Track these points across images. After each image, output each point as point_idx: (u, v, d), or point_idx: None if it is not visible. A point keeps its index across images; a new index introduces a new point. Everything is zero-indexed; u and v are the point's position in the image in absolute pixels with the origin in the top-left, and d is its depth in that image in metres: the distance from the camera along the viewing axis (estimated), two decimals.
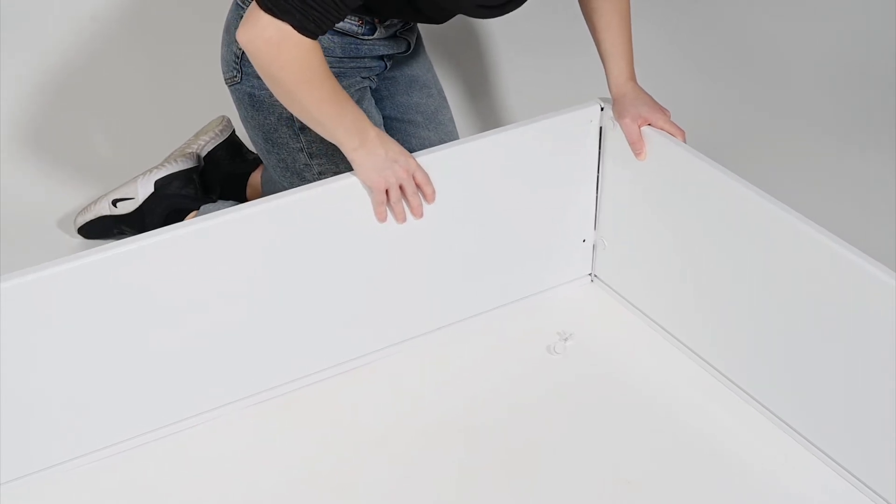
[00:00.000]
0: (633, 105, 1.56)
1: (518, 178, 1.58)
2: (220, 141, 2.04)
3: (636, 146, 1.55)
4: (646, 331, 1.65)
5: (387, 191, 1.46)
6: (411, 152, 1.77)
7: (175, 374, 1.46)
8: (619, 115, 1.57)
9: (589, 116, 1.60)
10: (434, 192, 1.49)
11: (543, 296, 1.71)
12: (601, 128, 1.61)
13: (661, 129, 1.53)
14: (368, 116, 1.62)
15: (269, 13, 1.30)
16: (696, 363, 1.58)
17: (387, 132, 1.71)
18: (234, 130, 2.05)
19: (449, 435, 1.48)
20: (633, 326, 1.66)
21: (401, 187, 1.47)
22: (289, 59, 1.33)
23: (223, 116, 2.07)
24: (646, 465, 1.42)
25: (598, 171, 1.64)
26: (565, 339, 1.60)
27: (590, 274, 1.75)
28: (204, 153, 2.04)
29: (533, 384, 1.56)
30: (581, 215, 1.68)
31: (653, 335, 1.64)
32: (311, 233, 1.46)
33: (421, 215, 1.50)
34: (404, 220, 1.49)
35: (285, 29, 1.31)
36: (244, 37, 1.34)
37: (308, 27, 1.32)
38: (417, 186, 1.48)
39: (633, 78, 1.59)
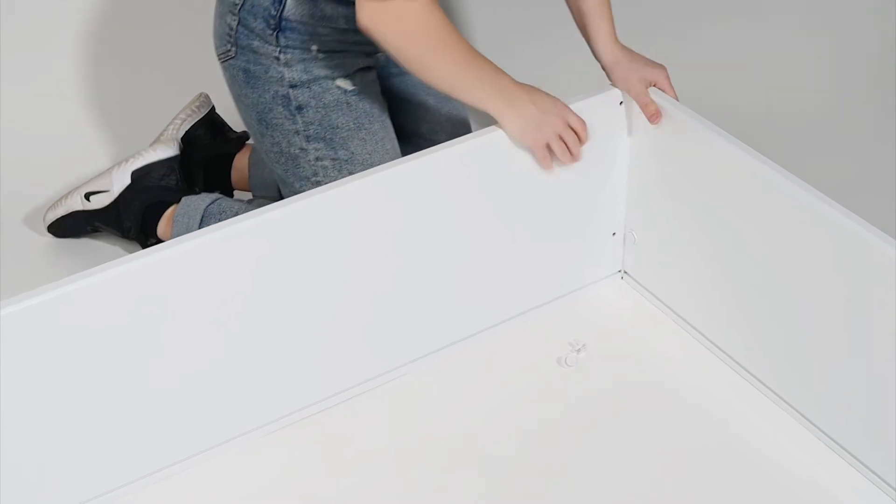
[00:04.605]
0: (633, 68, 1.50)
1: (542, 171, 1.47)
2: (198, 118, 1.90)
3: (649, 109, 1.47)
4: (680, 333, 1.56)
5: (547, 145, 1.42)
6: (422, 137, 1.64)
7: (163, 418, 1.36)
8: (621, 81, 1.49)
9: (618, 98, 1.50)
10: (588, 135, 1.45)
11: (573, 297, 1.61)
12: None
13: (663, 90, 1.48)
14: (372, 105, 1.56)
15: None
16: (732, 368, 1.49)
17: (394, 115, 1.62)
18: (213, 107, 1.92)
19: (469, 459, 1.40)
20: (666, 329, 1.57)
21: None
22: (411, 28, 1.34)
23: (201, 93, 1.93)
24: (680, 479, 1.36)
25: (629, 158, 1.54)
26: (577, 351, 1.51)
27: (620, 271, 1.64)
28: (181, 134, 1.89)
29: (561, 393, 1.48)
30: (610, 206, 1.57)
31: (689, 339, 1.55)
32: (310, 245, 1.34)
33: (580, 159, 1.45)
34: (570, 162, 1.45)
35: (399, 3, 1.31)
36: (368, 21, 1.33)
37: None
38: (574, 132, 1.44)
39: (618, 39, 1.53)
